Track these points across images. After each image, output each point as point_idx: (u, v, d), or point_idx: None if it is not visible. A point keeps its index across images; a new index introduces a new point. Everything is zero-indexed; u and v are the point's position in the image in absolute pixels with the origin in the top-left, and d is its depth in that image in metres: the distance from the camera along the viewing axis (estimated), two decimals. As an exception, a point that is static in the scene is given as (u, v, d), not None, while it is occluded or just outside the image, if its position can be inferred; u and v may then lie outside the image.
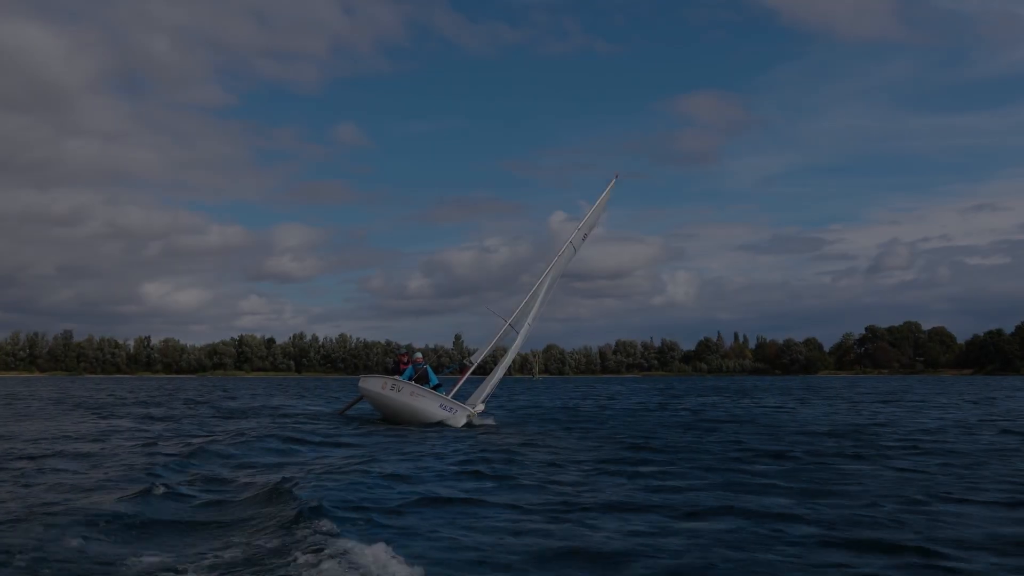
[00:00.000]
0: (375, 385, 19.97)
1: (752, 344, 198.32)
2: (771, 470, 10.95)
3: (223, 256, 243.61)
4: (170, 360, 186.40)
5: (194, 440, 14.68)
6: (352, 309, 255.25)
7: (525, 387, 64.55)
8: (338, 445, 14.43)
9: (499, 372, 20.37)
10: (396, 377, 19.63)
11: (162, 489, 8.54)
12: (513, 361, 21.12)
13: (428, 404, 18.63)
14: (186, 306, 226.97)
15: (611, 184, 22.19)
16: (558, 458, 12.22)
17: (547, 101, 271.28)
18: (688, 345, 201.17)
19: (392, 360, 21.43)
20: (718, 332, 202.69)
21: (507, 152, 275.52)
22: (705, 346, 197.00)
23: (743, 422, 21.04)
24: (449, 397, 19.10)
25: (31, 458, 11.83)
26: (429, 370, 20.22)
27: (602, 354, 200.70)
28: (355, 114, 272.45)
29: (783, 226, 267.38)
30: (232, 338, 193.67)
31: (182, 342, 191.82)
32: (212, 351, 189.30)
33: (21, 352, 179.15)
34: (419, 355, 20.76)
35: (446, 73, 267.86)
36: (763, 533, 7.01)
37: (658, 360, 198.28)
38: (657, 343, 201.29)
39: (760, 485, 9.65)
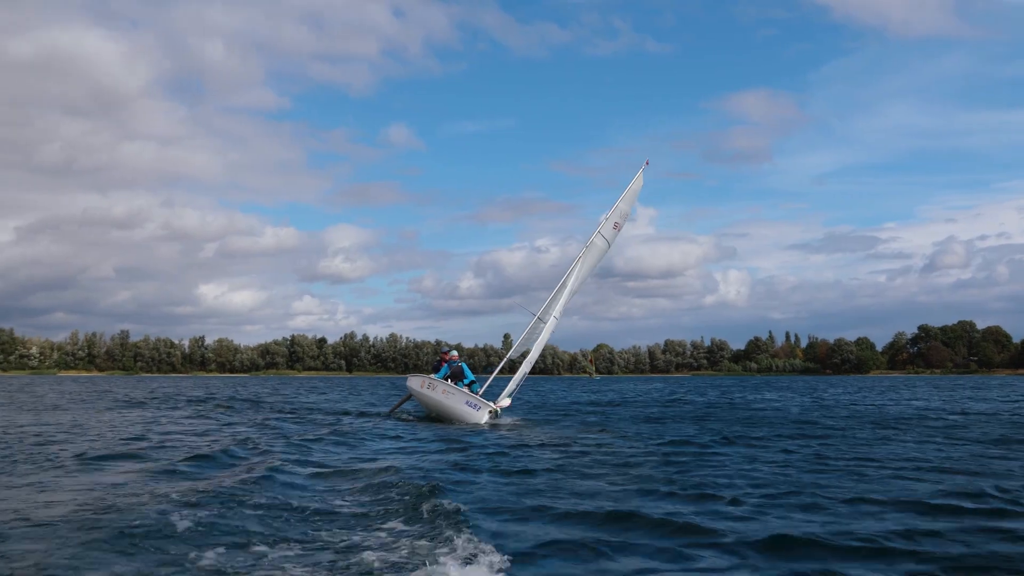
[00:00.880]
0: (416, 384, 21.49)
1: (804, 344, 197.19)
2: (656, 450, 13.88)
3: (277, 257, 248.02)
4: (224, 360, 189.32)
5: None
6: (404, 309, 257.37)
7: (566, 385, 66.28)
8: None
9: (525, 367, 21.30)
10: (432, 376, 20.95)
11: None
12: (563, 362, 21.79)
13: (455, 401, 19.71)
14: (241, 307, 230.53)
15: (640, 171, 22.05)
16: (524, 440, 14.26)
17: (597, 101, 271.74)
18: (739, 345, 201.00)
19: (438, 359, 22.37)
20: (769, 331, 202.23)
21: (557, 152, 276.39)
22: (755, 345, 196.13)
23: (702, 417, 22.99)
24: (479, 395, 19.97)
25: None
26: (464, 367, 21.21)
27: (651, 353, 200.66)
28: (406, 116, 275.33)
29: (836, 225, 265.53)
30: (284, 338, 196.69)
31: (236, 342, 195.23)
32: (265, 351, 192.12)
33: (80, 352, 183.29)
34: (454, 353, 21.70)
35: (496, 74, 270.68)
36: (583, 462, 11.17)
37: (707, 359, 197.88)
38: (709, 343, 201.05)
39: (639, 453, 13.24)
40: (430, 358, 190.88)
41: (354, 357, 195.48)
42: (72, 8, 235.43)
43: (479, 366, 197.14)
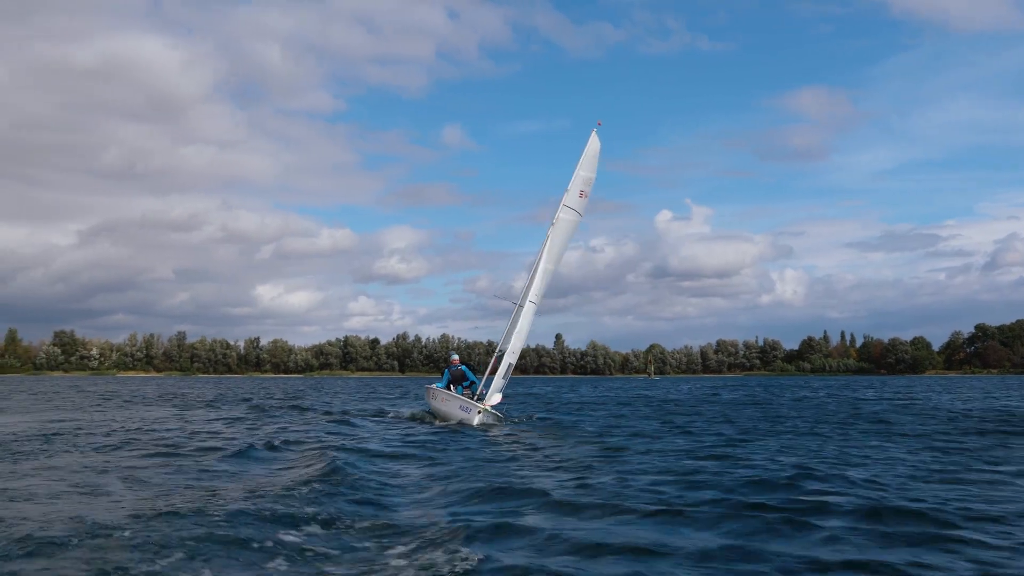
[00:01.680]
0: (427, 394, 22.99)
1: (860, 343, 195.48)
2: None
3: (333, 258, 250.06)
4: (278, 360, 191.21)
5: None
6: (458, 310, 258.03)
7: (602, 385, 68.40)
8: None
9: (510, 359, 21.36)
10: (433, 386, 22.37)
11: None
12: (615, 362, 22.12)
13: (451, 407, 20.77)
14: (297, 308, 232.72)
15: (593, 132, 21.68)
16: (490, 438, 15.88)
17: (652, 100, 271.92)
18: (794, 345, 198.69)
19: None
20: (824, 331, 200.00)
21: (612, 152, 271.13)
22: (808, 345, 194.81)
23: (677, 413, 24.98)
24: (471, 398, 20.64)
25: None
26: (466, 370, 22.23)
27: (703, 353, 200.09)
28: (461, 117, 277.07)
29: (895, 222, 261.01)
30: (338, 339, 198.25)
31: (292, 343, 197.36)
32: (318, 352, 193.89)
33: (138, 353, 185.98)
34: (456, 356, 22.71)
35: (550, 74, 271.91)
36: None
37: (760, 359, 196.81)
38: (762, 343, 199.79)
39: (572, 445, 14.20)
40: (482, 358, 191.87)
41: (407, 358, 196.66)
42: (131, 16, 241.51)
43: (530, 366, 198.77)
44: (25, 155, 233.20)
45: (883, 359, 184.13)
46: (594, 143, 21.50)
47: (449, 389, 21.66)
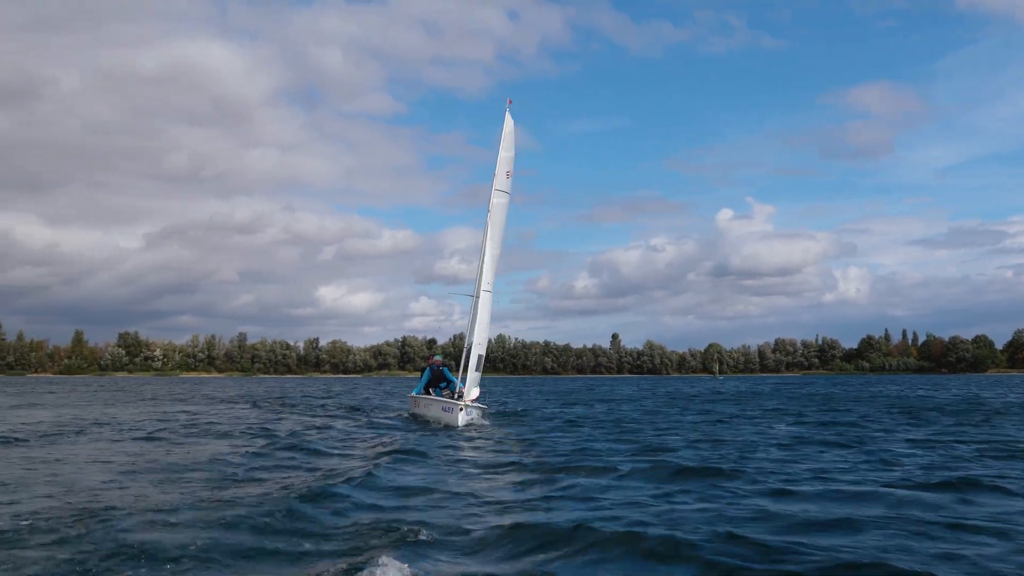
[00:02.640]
0: (411, 403, 23.79)
1: (923, 342, 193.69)
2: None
3: (394, 259, 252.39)
4: (337, 361, 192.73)
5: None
6: (519, 310, 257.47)
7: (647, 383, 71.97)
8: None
9: (479, 351, 21.63)
10: (412, 393, 23.18)
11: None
12: (671, 361, 22.65)
13: (433, 411, 21.28)
14: (359, 308, 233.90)
15: (507, 111, 22.49)
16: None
17: (712, 98, 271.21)
18: (855, 343, 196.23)
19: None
20: (885, 329, 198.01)
21: (672, 151, 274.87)
22: (868, 344, 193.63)
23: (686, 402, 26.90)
24: (451, 397, 21.11)
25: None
26: (445, 371, 22.73)
27: (761, 353, 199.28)
28: (521, 117, 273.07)
29: (961, 219, 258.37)
30: (396, 339, 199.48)
31: (354, 344, 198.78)
32: (377, 352, 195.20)
33: (200, 354, 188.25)
34: (438, 357, 23.27)
35: (610, 74, 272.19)
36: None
37: (819, 358, 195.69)
38: (821, 341, 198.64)
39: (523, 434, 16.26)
40: (539, 358, 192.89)
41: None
42: (195, 23, 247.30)
43: (587, 366, 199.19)
44: (93, 160, 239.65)
45: (944, 358, 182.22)
46: (508, 122, 22.45)
47: (428, 392, 22.29)
